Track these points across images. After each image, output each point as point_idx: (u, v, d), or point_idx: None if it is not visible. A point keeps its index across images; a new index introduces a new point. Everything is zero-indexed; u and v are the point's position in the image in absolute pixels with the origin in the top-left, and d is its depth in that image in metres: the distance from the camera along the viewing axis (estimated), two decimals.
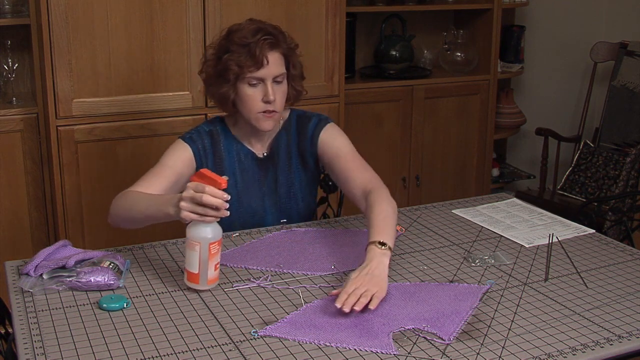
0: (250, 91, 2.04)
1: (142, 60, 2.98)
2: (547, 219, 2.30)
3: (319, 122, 2.19)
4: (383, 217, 1.88)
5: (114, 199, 2.02)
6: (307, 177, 2.24)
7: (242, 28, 2.05)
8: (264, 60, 2.00)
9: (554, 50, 4.49)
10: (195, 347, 1.53)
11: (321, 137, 2.17)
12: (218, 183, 1.70)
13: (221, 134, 2.16)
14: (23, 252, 3.04)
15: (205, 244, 1.72)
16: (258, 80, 2.03)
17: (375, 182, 2.04)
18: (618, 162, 3.69)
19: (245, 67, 2.01)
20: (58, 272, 1.80)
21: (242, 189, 2.16)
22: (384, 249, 1.78)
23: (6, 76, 3.13)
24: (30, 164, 3.07)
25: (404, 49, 3.88)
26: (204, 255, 1.72)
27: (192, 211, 1.70)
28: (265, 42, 2.01)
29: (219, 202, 1.69)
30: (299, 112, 2.23)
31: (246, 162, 2.17)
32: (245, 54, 2.01)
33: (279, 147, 2.19)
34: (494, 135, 4.08)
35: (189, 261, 1.75)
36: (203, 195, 1.68)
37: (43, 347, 1.52)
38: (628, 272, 1.92)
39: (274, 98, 2.03)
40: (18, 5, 3.17)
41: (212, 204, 1.69)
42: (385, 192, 1.99)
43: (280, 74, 2.05)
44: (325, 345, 1.54)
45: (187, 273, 1.76)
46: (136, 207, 1.92)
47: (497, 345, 1.55)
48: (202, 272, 1.74)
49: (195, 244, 1.72)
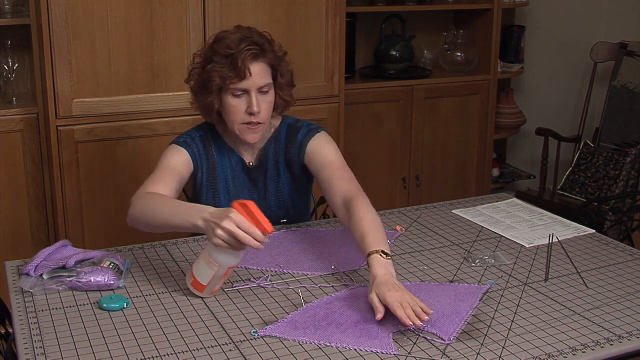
0: (234, 102, 2.00)
1: (142, 60, 2.98)
2: (547, 219, 2.30)
3: (308, 132, 2.14)
4: (374, 226, 1.83)
5: (134, 199, 1.93)
6: (297, 186, 2.21)
7: (226, 37, 2.00)
8: (246, 72, 1.96)
9: (554, 50, 4.49)
10: (195, 347, 1.53)
11: (309, 147, 2.12)
12: (264, 228, 1.63)
13: (212, 140, 2.13)
14: (23, 252, 3.04)
15: (224, 267, 1.70)
16: (242, 91, 1.99)
17: (357, 192, 1.97)
18: (618, 162, 3.69)
19: (227, 79, 1.97)
20: (58, 272, 1.80)
21: (233, 195, 2.14)
22: (388, 258, 1.74)
23: (6, 76, 3.13)
24: (30, 164, 3.07)
25: (404, 49, 3.88)
26: (219, 274, 1.70)
27: (227, 242, 1.64)
28: (248, 52, 1.95)
29: (258, 246, 1.64)
30: (290, 120, 2.18)
31: (237, 169, 2.15)
32: (228, 65, 1.96)
33: (267, 156, 2.16)
34: (494, 135, 4.08)
35: (201, 273, 1.71)
36: (246, 236, 1.62)
37: (43, 347, 1.52)
38: (628, 272, 1.92)
39: (258, 110, 1.99)
40: (18, 5, 3.17)
41: (251, 247, 1.64)
42: (367, 201, 1.93)
43: (266, 84, 2.01)
44: (325, 345, 1.54)
45: (193, 279, 1.73)
46: (159, 212, 1.85)
47: (497, 345, 1.55)
48: (210, 286, 1.72)
49: (215, 265, 1.68)
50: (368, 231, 1.81)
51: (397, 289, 1.64)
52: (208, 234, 1.68)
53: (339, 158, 2.10)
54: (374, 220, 1.85)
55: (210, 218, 1.67)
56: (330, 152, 2.10)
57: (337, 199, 1.99)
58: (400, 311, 1.58)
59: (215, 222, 1.65)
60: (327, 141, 2.13)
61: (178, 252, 2.01)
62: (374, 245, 1.76)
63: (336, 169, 2.06)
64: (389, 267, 1.72)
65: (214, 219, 1.66)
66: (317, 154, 2.10)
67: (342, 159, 2.11)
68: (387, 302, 1.61)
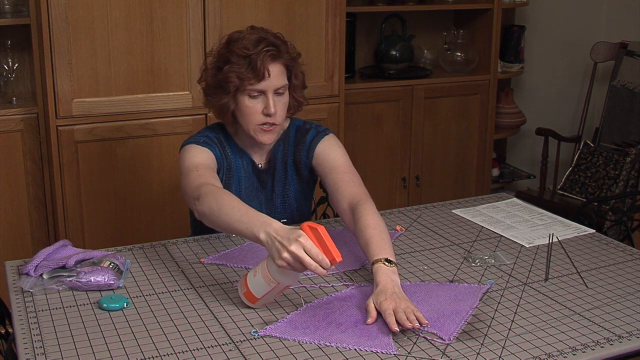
0: (250, 103, 2.00)
1: (142, 60, 2.98)
2: (547, 219, 2.30)
3: (317, 134, 2.14)
4: (379, 232, 1.83)
5: (201, 193, 1.83)
6: (302, 187, 2.21)
7: (243, 37, 1.99)
8: (265, 73, 1.96)
9: (554, 50, 4.49)
10: (195, 347, 1.53)
11: (317, 149, 2.13)
12: (333, 257, 1.58)
13: (225, 141, 2.13)
14: (23, 252, 3.04)
15: (282, 286, 1.66)
16: (259, 92, 1.99)
17: (363, 196, 1.97)
18: (618, 162, 3.69)
19: (245, 80, 1.96)
20: (58, 272, 1.80)
21: (244, 197, 2.13)
22: (392, 266, 1.74)
23: (6, 76, 3.13)
24: (30, 164, 3.07)
25: (404, 49, 3.88)
26: (275, 291, 1.67)
27: (291, 265, 1.58)
28: (267, 53, 1.95)
29: (323, 274, 1.59)
30: (298, 122, 2.19)
31: (248, 170, 2.16)
32: (246, 66, 1.96)
33: (277, 158, 2.16)
34: (494, 135, 4.08)
35: (257, 287, 1.66)
36: (313, 264, 1.56)
37: (43, 347, 1.52)
38: (628, 272, 1.92)
39: (275, 111, 1.99)
40: (18, 5, 3.17)
41: (318, 274, 1.59)
42: (373, 207, 1.93)
43: (282, 86, 2.01)
44: (325, 345, 1.54)
45: (246, 289, 1.68)
46: (225, 214, 1.75)
47: (497, 345, 1.55)
48: (263, 299, 1.69)
49: (273, 282, 1.64)
50: (372, 238, 1.81)
51: (394, 298, 1.63)
52: (272, 252, 1.61)
53: (347, 161, 2.10)
54: (378, 227, 1.85)
55: (277, 237, 1.60)
56: (339, 156, 2.11)
57: (343, 203, 1.99)
58: (390, 318, 1.58)
59: (283, 244, 1.58)
60: (335, 144, 2.14)
61: (178, 252, 2.01)
62: (377, 254, 1.77)
63: (343, 172, 2.06)
64: (392, 275, 1.72)
65: (281, 240, 1.59)
66: (326, 156, 2.11)
67: (349, 162, 2.11)
68: (380, 309, 1.62)
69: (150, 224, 3.10)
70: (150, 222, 3.10)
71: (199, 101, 3.07)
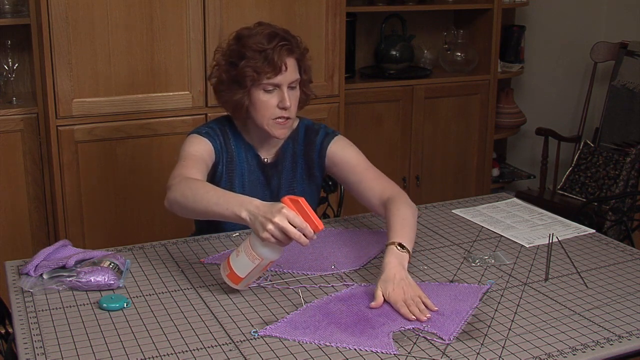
0: (265, 97, 2.02)
1: (142, 60, 2.98)
2: (547, 219, 2.30)
3: (326, 135, 2.16)
4: (401, 220, 1.88)
5: (173, 183, 1.88)
6: (310, 188, 2.22)
7: (256, 33, 2.02)
8: (282, 67, 1.98)
9: (554, 50, 4.49)
10: (195, 347, 1.53)
11: (329, 150, 2.15)
12: (315, 225, 1.63)
13: (230, 134, 2.14)
14: (23, 252, 3.04)
15: (266, 262, 1.69)
16: (274, 86, 2.01)
17: (393, 189, 2.03)
18: (618, 162, 3.69)
19: (262, 74, 1.98)
20: (58, 272, 1.80)
21: (248, 191, 2.14)
22: (403, 251, 1.79)
23: (6, 76, 3.13)
24: (30, 164, 3.07)
25: (404, 49, 3.88)
26: (259, 268, 1.70)
27: (276, 237, 1.62)
28: (283, 47, 1.98)
29: (306, 243, 1.63)
30: (307, 122, 2.21)
31: (252, 164, 2.16)
32: (262, 60, 1.98)
33: (285, 155, 2.17)
34: (494, 135, 4.08)
35: (241, 265, 1.69)
36: (297, 233, 1.61)
37: (43, 347, 1.52)
38: (628, 272, 1.92)
39: (289, 104, 2.01)
40: (18, 5, 3.17)
41: (301, 243, 1.63)
42: (404, 197, 1.99)
43: (295, 80, 2.04)
44: (325, 345, 1.54)
45: (230, 270, 1.71)
46: (201, 198, 1.78)
47: (497, 345, 1.55)
48: (247, 279, 1.71)
49: (257, 259, 1.67)
50: (393, 226, 1.87)
51: (401, 286, 1.69)
52: (255, 227, 1.64)
53: (364, 159, 2.13)
54: (402, 215, 1.90)
55: (259, 212, 1.64)
56: (354, 154, 2.14)
57: (375, 200, 2.04)
58: (404, 309, 1.65)
59: (266, 217, 1.62)
60: (347, 144, 2.17)
61: (178, 252, 2.01)
62: (392, 238, 1.83)
63: (365, 169, 2.10)
64: (402, 259, 1.77)
65: (264, 214, 1.63)
66: (341, 157, 2.13)
67: (366, 159, 2.14)
68: (390, 300, 1.68)
69: (150, 224, 3.10)
70: (150, 222, 3.10)
71: (199, 101, 3.09)
